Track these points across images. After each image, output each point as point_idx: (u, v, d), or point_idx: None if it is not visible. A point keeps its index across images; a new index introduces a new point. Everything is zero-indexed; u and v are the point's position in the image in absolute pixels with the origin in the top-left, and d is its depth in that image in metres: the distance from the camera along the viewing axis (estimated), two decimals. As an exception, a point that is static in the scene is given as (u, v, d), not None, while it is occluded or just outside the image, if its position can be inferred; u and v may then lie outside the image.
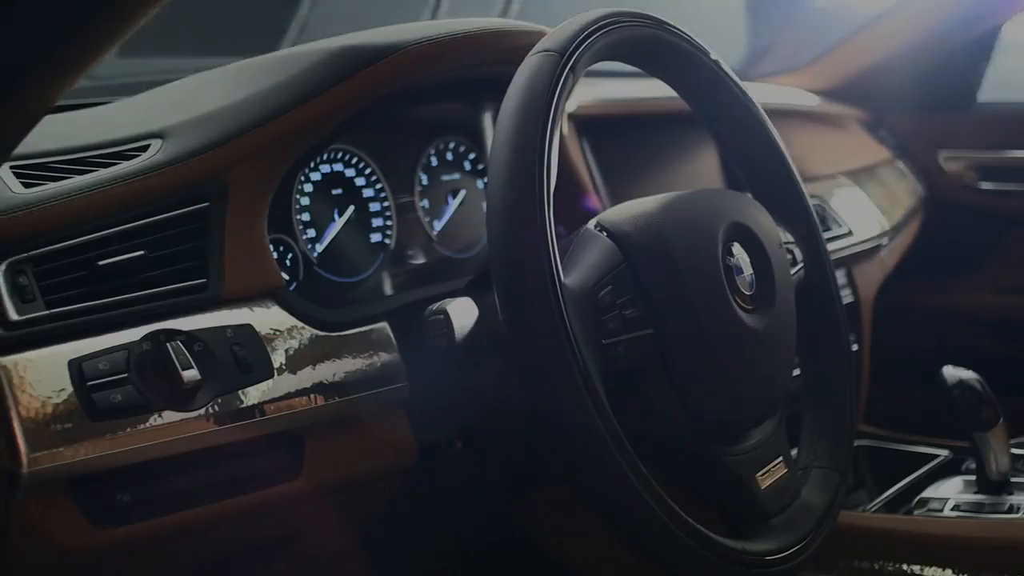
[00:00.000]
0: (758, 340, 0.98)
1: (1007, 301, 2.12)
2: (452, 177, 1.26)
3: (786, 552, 0.96)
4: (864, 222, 1.79)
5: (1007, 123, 2.16)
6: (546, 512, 1.40)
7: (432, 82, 1.13)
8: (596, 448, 0.82)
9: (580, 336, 0.83)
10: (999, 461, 1.32)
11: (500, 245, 0.84)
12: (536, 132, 0.86)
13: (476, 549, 1.42)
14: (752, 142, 1.12)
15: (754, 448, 0.99)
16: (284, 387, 0.95)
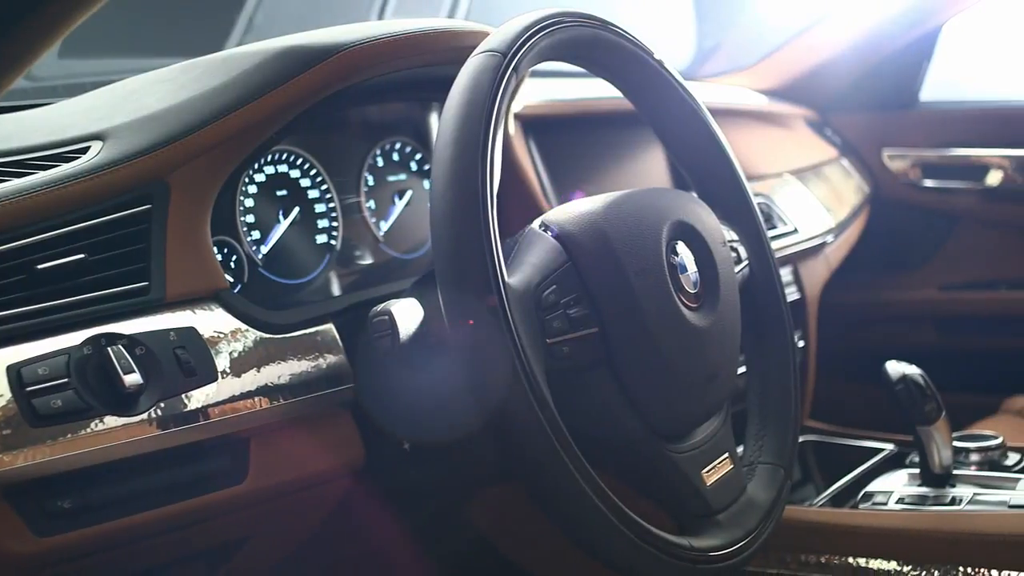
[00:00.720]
0: (703, 338, 0.98)
1: (950, 297, 2.16)
2: (398, 177, 1.26)
3: (732, 548, 0.97)
4: (810, 220, 1.81)
5: (949, 121, 2.19)
6: (498, 511, 1.41)
7: (377, 82, 1.13)
8: (541, 447, 0.82)
9: (524, 335, 0.84)
10: (942, 454, 1.34)
11: (443, 245, 0.84)
12: (479, 131, 0.86)
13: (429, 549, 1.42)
14: (696, 141, 1.13)
15: (700, 445, 0.99)
16: (228, 390, 0.94)
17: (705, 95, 1.84)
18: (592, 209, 0.96)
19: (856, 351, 2.08)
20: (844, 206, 1.99)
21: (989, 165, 2.13)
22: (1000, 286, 2.14)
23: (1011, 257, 2.15)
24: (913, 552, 1.23)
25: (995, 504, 1.27)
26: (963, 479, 1.35)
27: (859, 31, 2.16)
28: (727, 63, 2.27)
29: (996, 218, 2.16)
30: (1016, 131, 2.13)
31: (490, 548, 1.45)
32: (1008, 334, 2.13)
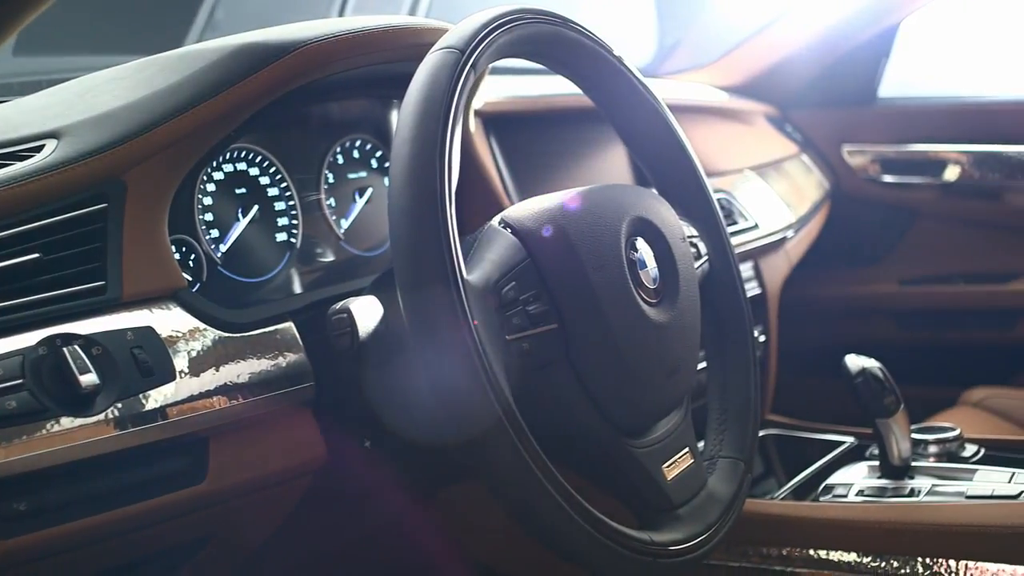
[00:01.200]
0: (662, 333, 0.99)
1: (909, 292, 2.18)
2: (359, 175, 1.26)
3: (692, 541, 0.98)
4: (770, 215, 1.82)
5: (908, 117, 2.22)
6: (462, 508, 1.41)
7: (337, 79, 1.13)
8: (500, 444, 0.83)
9: (483, 332, 0.84)
10: (900, 447, 1.35)
11: (401, 242, 0.84)
12: (436, 129, 0.86)
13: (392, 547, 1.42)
14: (655, 137, 1.14)
15: (660, 440, 1.00)
16: (187, 390, 0.94)
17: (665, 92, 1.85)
18: (551, 206, 0.96)
19: (817, 345, 2.10)
20: (804, 202, 2.00)
21: (947, 160, 2.15)
22: (958, 280, 2.17)
23: (969, 251, 2.18)
24: (873, 543, 1.24)
25: (953, 495, 1.28)
26: (922, 471, 1.36)
27: (818, 28, 2.18)
28: (688, 60, 2.28)
29: (954, 213, 2.19)
30: (973, 127, 2.16)
31: (454, 545, 1.45)
32: (966, 327, 2.16)
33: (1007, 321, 2.14)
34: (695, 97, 2.01)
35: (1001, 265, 2.16)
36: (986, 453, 1.40)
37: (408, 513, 1.40)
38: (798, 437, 1.65)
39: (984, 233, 2.19)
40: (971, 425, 1.67)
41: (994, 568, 1.16)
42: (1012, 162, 2.09)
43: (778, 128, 2.17)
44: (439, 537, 1.44)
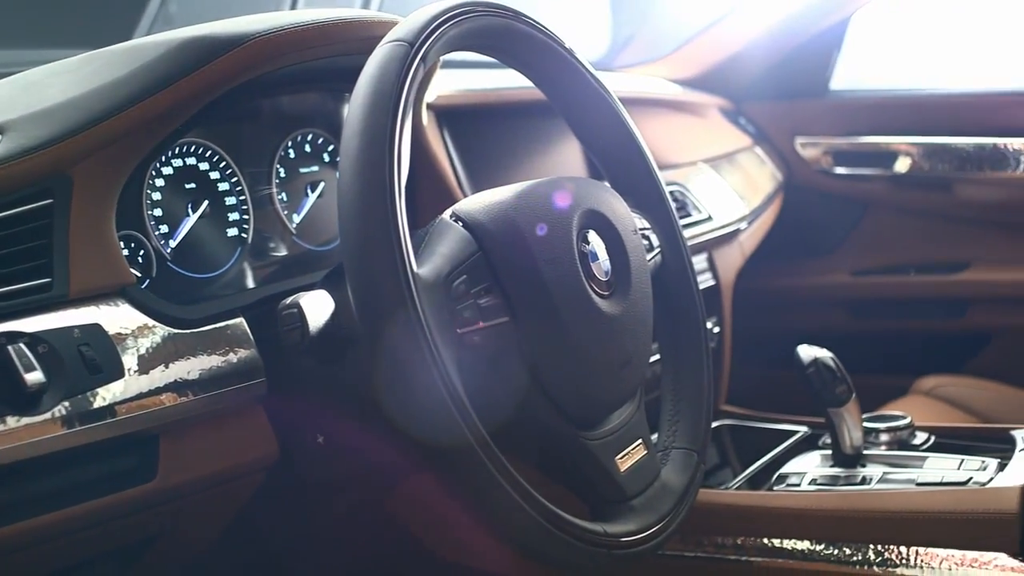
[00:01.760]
0: (615, 325, 0.99)
1: (861, 282, 2.20)
2: (310, 169, 1.25)
3: (646, 532, 0.98)
4: (724, 207, 1.83)
5: (859, 110, 2.24)
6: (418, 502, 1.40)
7: (287, 72, 1.12)
8: (452, 437, 0.82)
9: (434, 325, 0.83)
10: (852, 435, 1.37)
11: (350, 236, 0.83)
12: (386, 121, 0.85)
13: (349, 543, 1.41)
14: (606, 130, 1.14)
15: (613, 432, 1.00)
16: (136, 387, 0.93)
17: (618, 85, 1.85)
18: (503, 199, 0.96)
19: (771, 336, 2.12)
20: (758, 193, 2.02)
21: (898, 152, 2.18)
22: (909, 270, 2.19)
23: (920, 242, 2.21)
24: (826, 531, 1.25)
25: (903, 482, 1.30)
26: (873, 459, 1.38)
27: (771, 22, 2.19)
28: (642, 53, 2.29)
29: (905, 204, 2.22)
30: (924, 119, 2.18)
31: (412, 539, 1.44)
32: (917, 317, 2.19)
33: (957, 310, 2.17)
34: (648, 90, 2.02)
35: (951, 255, 2.19)
36: (936, 440, 1.42)
37: (364, 508, 1.39)
38: (752, 427, 1.67)
39: (934, 223, 2.22)
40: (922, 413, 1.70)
41: (944, 553, 1.18)
42: (961, 154, 2.12)
43: (732, 121, 2.19)
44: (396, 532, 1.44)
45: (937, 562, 1.18)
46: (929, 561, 1.18)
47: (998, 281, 2.13)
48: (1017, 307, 2.13)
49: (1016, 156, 2.08)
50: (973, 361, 2.16)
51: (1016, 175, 2.10)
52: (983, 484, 1.24)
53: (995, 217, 2.17)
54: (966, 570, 1.16)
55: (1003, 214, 2.16)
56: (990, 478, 1.25)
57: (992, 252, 2.16)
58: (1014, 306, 2.14)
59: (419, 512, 1.41)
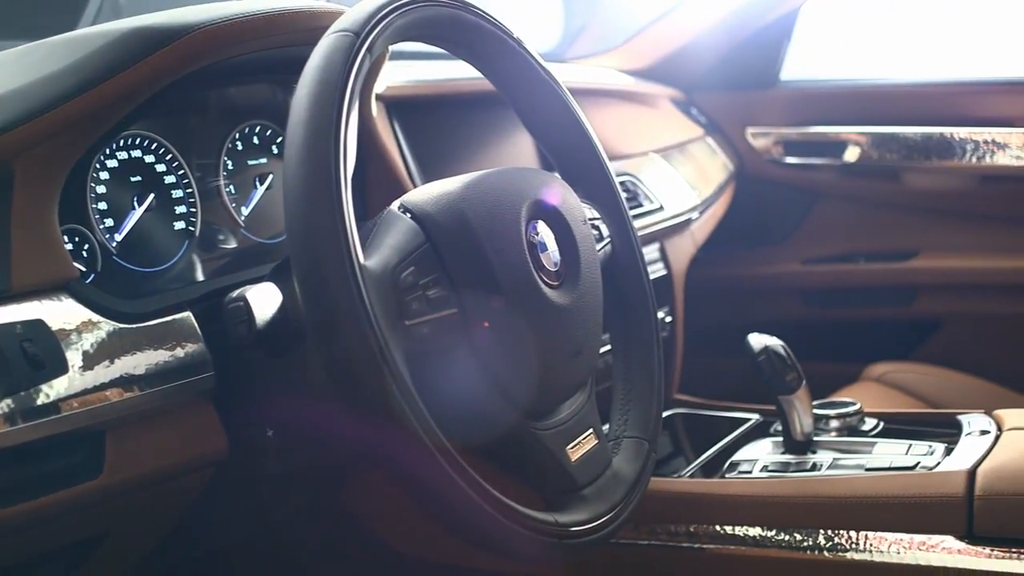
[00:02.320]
0: (564, 315, 0.99)
1: (812, 270, 2.23)
2: (259, 161, 1.24)
3: (597, 521, 0.98)
4: (675, 197, 1.84)
5: (809, 100, 2.26)
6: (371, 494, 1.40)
7: (233, 63, 1.11)
8: (400, 429, 0.82)
9: (381, 317, 0.83)
10: (803, 422, 1.38)
11: (296, 228, 0.82)
12: (331, 112, 0.85)
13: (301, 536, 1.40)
14: (555, 120, 1.14)
15: (564, 422, 1.00)
16: (80, 383, 0.91)
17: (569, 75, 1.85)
18: (451, 190, 0.96)
19: (723, 325, 2.13)
20: (709, 183, 2.03)
21: (847, 142, 2.20)
22: (859, 258, 2.22)
23: (869, 230, 2.24)
24: (777, 517, 1.26)
25: (853, 468, 1.31)
26: (824, 445, 1.39)
27: (722, 12, 2.21)
28: (594, 44, 2.29)
29: (854, 193, 2.24)
30: (872, 108, 2.21)
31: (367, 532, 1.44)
32: (867, 304, 2.22)
33: (906, 298, 2.20)
34: (600, 81, 2.02)
35: (900, 243, 2.21)
36: (885, 426, 1.44)
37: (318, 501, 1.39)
38: (705, 415, 1.68)
39: (883, 212, 2.24)
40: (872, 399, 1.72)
41: (892, 537, 1.19)
42: (909, 143, 2.15)
43: (683, 111, 2.20)
44: (351, 524, 1.44)
45: (886, 546, 1.19)
46: (878, 545, 1.20)
47: (946, 269, 2.16)
48: (965, 294, 2.17)
49: (962, 145, 2.11)
50: (922, 348, 2.19)
51: (963, 164, 2.12)
52: (930, 468, 1.25)
53: (943, 205, 2.20)
54: (914, 553, 1.17)
55: (950, 202, 2.19)
56: (937, 462, 1.27)
57: (940, 240, 2.19)
58: (962, 293, 2.17)
59: (374, 504, 1.41)
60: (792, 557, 1.23)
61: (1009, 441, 1.27)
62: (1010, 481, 1.16)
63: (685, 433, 1.66)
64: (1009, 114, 2.10)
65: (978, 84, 2.16)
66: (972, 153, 2.11)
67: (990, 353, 2.13)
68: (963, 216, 2.18)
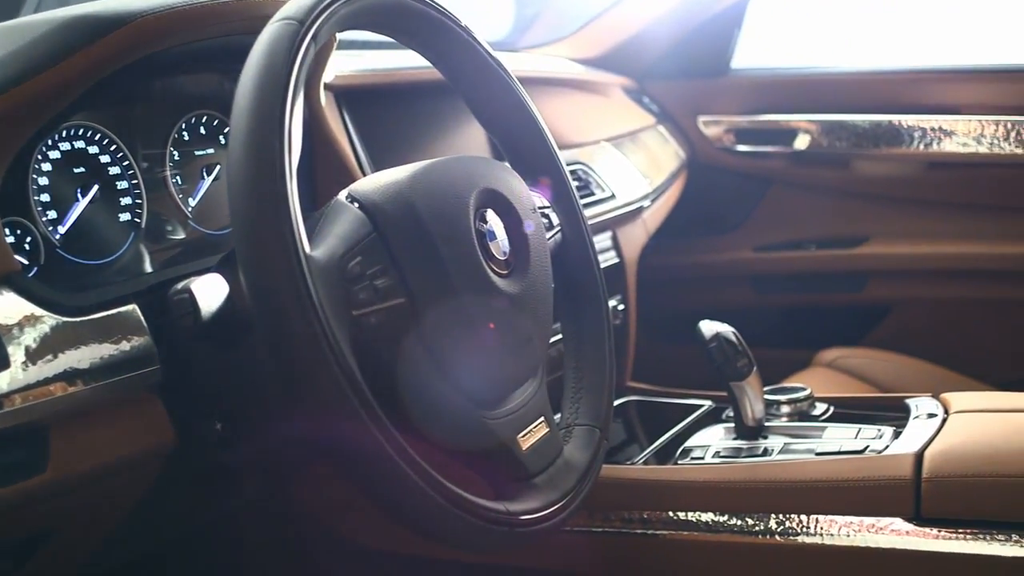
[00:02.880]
0: (514, 304, 0.99)
1: (764, 257, 2.24)
2: (206, 151, 1.22)
3: (549, 509, 0.98)
4: (627, 186, 1.84)
5: (760, 88, 2.27)
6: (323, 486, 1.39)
7: (179, 52, 1.09)
8: (349, 421, 0.82)
9: (328, 307, 0.82)
10: (754, 408, 1.39)
11: (240, 218, 0.82)
12: (275, 101, 0.84)
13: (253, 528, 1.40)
14: (504, 109, 1.14)
15: (515, 410, 1.00)
16: (23, 378, 0.90)
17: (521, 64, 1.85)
18: (398, 179, 0.96)
19: (675, 312, 2.14)
20: (661, 172, 2.03)
21: (798, 130, 2.21)
22: (810, 245, 2.24)
23: (820, 217, 2.26)
24: (729, 502, 1.27)
25: (803, 452, 1.32)
26: (775, 430, 1.40)
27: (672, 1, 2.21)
28: (546, 33, 2.29)
29: (805, 180, 2.26)
30: (822, 97, 2.23)
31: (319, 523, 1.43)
32: (818, 291, 2.24)
33: (857, 284, 2.22)
34: (551, 69, 2.02)
35: (850, 230, 2.24)
36: (835, 411, 1.45)
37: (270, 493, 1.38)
38: (658, 403, 1.68)
39: (834, 199, 2.26)
40: (822, 385, 1.73)
41: (843, 520, 1.20)
42: (858, 130, 2.17)
43: (635, 100, 2.20)
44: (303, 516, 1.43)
45: (836, 528, 1.20)
46: (829, 528, 1.21)
47: (896, 255, 2.19)
48: (914, 280, 2.19)
49: (910, 132, 2.13)
50: (872, 333, 2.21)
51: (911, 151, 2.15)
52: (879, 452, 1.27)
53: (892, 192, 2.22)
54: (864, 535, 1.19)
55: (899, 189, 2.21)
56: (886, 446, 1.28)
57: (890, 226, 2.21)
58: (911, 279, 2.19)
59: (326, 496, 1.40)
60: (744, 541, 1.24)
61: (955, 424, 1.28)
62: (956, 463, 1.17)
63: (638, 420, 1.67)
64: (955, 101, 2.13)
65: (925, 72, 2.19)
66: (919, 140, 2.13)
67: (938, 337, 2.16)
68: (912, 202, 2.21)
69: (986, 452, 1.18)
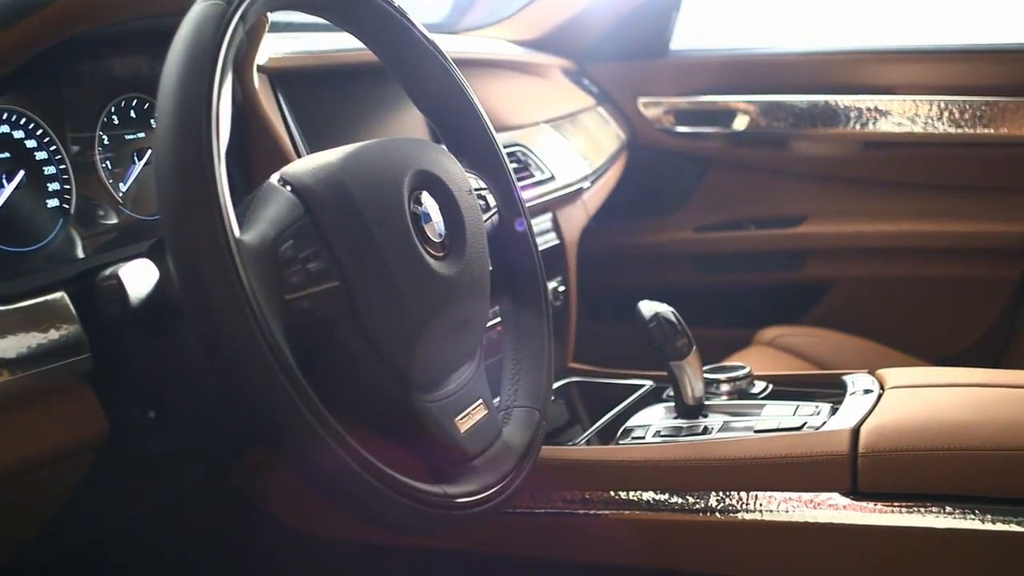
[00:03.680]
0: (450, 286, 0.99)
1: (704, 238, 2.26)
2: (137, 135, 1.20)
3: (488, 491, 0.98)
4: (567, 167, 1.84)
5: (698, 69, 2.28)
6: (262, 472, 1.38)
7: (106, 33, 1.07)
8: (281, 406, 0.80)
9: (259, 292, 0.81)
10: (693, 387, 1.40)
11: (168, 202, 0.80)
12: (202, 82, 0.82)
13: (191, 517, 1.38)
14: (439, 91, 1.13)
15: (452, 393, 1.00)
16: (-53, 368, 0.88)
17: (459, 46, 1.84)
18: (331, 161, 0.94)
19: (617, 293, 2.15)
20: (601, 153, 2.03)
21: (736, 111, 2.23)
22: (749, 225, 2.26)
23: (759, 197, 2.28)
24: (670, 481, 1.27)
25: (742, 430, 1.33)
26: (714, 408, 1.41)
27: (612, -18, 2.21)
28: (485, 15, 2.28)
29: (744, 161, 2.28)
30: (760, 78, 2.24)
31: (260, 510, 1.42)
32: (758, 270, 2.26)
33: (796, 263, 2.25)
34: (490, 52, 2.01)
35: (789, 209, 2.26)
36: (774, 389, 1.46)
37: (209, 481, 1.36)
38: (599, 383, 1.69)
39: (773, 179, 2.28)
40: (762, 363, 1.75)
41: (781, 496, 1.22)
42: (795, 111, 2.19)
43: (574, 82, 2.20)
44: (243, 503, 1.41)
45: (775, 504, 1.21)
46: (768, 504, 1.22)
47: (833, 233, 2.21)
48: (852, 258, 2.22)
49: (847, 113, 2.15)
50: (811, 311, 2.24)
51: (848, 131, 2.17)
52: (817, 428, 1.28)
53: (829, 172, 2.24)
54: (803, 510, 1.20)
55: (836, 168, 2.24)
56: (823, 422, 1.30)
57: (827, 206, 2.24)
58: (849, 257, 2.22)
59: (265, 482, 1.39)
60: (686, 520, 1.25)
61: (890, 399, 1.30)
62: (891, 438, 1.19)
63: (580, 401, 1.67)
64: (890, 82, 2.15)
65: (861, 53, 2.21)
66: (856, 120, 2.15)
67: (876, 315, 2.20)
68: (849, 182, 2.24)
69: (920, 426, 1.20)
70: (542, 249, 1.20)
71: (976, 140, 2.09)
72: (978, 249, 2.13)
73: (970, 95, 2.08)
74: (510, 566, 1.35)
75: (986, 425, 1.18)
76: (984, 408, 1.22)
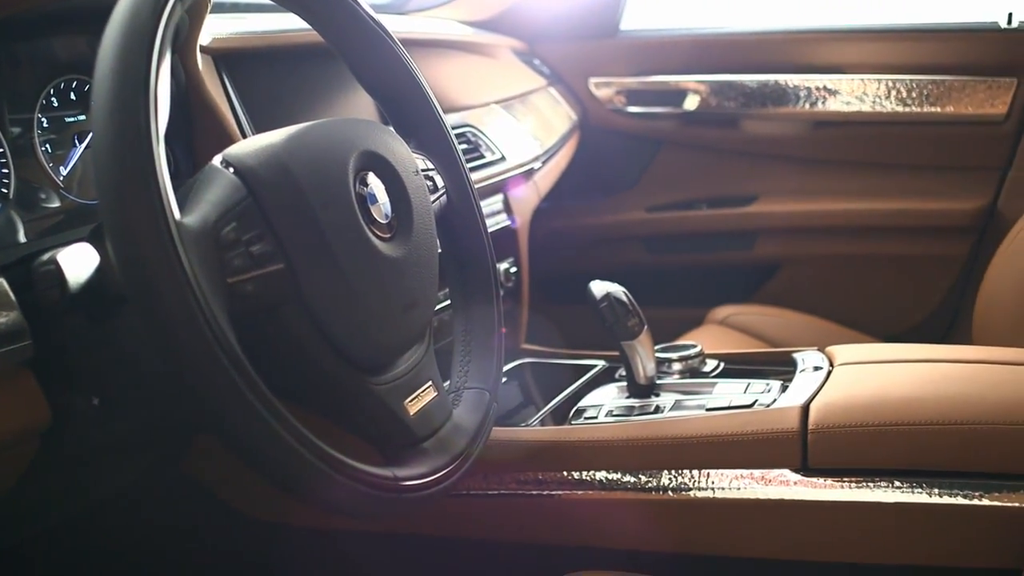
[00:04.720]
0: (397, 268, 0.98)
1: (656, 218, 2.26)
2: (77, 118, 1.18)
3: (438, 474, 0.98)
4: (518, 148, 1.83)
5: (649, 50, 2.28)
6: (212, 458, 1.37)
7: (44, 13, 1.05)
8: (226, 392, 0.79)
9: (201, 275, 0.79)
10: (645, 366, 1.40)
11: (106, 184, 0.78)
12: (140, 63, 0.80)
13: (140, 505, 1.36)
14: (385, 72, 1.11)
15: (401, 376, 0.99)
16: None
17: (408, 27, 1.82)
18: (274, 142, 0.93)
19: (569, 273, 2.15)
20: (552, 134, 2.03)
21: (687, 91, 2.23)
22: (701, 205, 2.27)
23: (710, 177, 2.29)
24: (622, 460, 1.28)
25: (694, 409, 1.34)
26: (666, 387, 1.42)
27: (562, -38, 2.21)
28: (436, -5, 2.27)
29: (695, 141, 2.28)
30: (710, 57, 2.25)
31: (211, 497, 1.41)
32: (710, 250, 2.27)
33: (747, 242, 2.26)
34: (440, 32, 2.00)
35: (740, 189, 2.27)
36: (725, 367, 1.47)
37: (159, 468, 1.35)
38: (552, 364, 1.69)
39: (724, 159, 2.29)
40: (714, 342, 1.76)
41: (733, 473, 1.22)
42: (746, 90, 2.20)
43: (525, 62, 2.19)
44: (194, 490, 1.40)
45: (727, 481, 1.22)
46: (720, 481, 1.23)
47: (784, 213, 2.23)
48: (802, 237, 2.24)
49: (796, 92, 2.17)
50: (762, 290, 2.26)
51: (797, 110, 2.18)
52: (767, 406, 1.29)
53: (779, 151, 2.26)
54: (754, 487, 1.21)
55: (786, 148, 2.25)
56: (774, 399, 1.31)
57: (778, 185, 2.25)
58: (799, 236, 2.24)
59: (216, 469, 1.37)
60: (639, 498, 1.26)
61: (839, 376, 1.31)
62: (840, 414, 1.20)
63: (532, 382, 1.67)
64: (839, 61, 2.17)
65: (810, 32, 2.22)
66: (805, 100, 2.17)
67: (826, 293, 2.22)
68: (799, 161, 2.25)
69: (868, 402, 1.21)
70: (493, 230, 1.20)
71: (923, 119, 2.11)
72: (926, 227, 2.15)
73: (917, 74, 2.10)
74: (465, 548, 1.35)
75: (933, 400, 1.19)
76: (931, 383, 1.24)
